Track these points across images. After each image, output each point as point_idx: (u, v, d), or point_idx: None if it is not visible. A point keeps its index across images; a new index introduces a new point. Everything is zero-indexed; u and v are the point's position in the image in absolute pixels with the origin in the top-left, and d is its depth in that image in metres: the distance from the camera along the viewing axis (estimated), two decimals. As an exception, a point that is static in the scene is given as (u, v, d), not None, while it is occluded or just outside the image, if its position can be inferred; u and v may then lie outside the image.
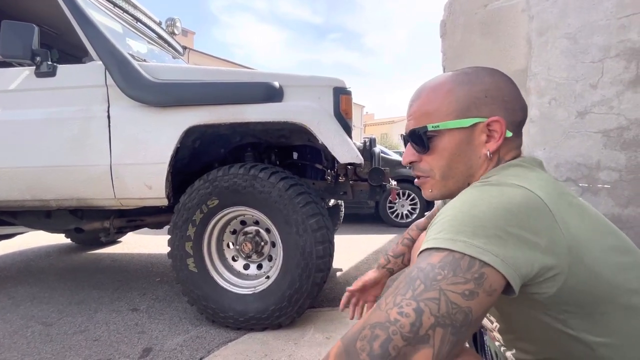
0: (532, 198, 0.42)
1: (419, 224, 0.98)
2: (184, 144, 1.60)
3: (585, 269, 0.42)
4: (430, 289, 0.36)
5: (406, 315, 0.35)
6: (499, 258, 0.38)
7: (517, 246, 0.39)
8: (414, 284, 0.37)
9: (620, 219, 0.97)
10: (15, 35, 1.51)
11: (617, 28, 0.97)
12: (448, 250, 0.39)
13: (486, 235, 0.39)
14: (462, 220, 0.41)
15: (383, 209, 4.51)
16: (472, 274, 0.37)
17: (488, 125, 0.51)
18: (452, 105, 0.52)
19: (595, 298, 0.43)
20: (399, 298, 0.37)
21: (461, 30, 1.23)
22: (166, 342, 1.43)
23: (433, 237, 0.42)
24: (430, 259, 0.39)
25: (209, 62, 21.83)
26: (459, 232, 0.40)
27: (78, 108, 1.59)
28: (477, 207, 0.42)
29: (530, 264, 0.39)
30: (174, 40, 2.68)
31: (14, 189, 1.66)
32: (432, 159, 0.55)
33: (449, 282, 0.36)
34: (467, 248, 0.38)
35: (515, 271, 0.38)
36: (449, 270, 0.37)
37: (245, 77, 1.57)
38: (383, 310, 0.37)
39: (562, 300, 0.43)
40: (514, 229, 0.39)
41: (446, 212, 0.44)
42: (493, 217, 0.40)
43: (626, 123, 0.96)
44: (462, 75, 0.54)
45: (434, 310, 0.35)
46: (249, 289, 1.56)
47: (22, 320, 1.66)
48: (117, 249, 3.22)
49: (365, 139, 2.01)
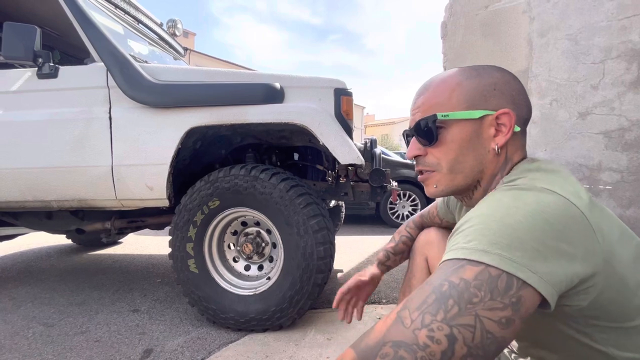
0: (567, 206, 0.39)
1: (415, 221, 0.95)
2: (185, 145, 1.60)
3: (617, 279, 0.40)
4: (465, 313, 0.33)
5: (437, 342, 0.32)
6: (537, 275, 0.35)
7: (556, 260, 0.36)
8: (447, 303, 0.33)
9: (622, 220, 0.97)
10: (17, 36, 1.51)
11: (618, 29, 0.97)
12: (483, 265, 0.35)
13: (524, 248, 0.35)
14: (497, 230, 0.37)
15: (384, 210, 4.51)
16: (510, 298, 0.34)
17: (497, 119, 0.50)
18: (461, 96, 0.51)
19: (623, 310, 0.41)
20: (428, 318, 0.33)
21: (462, 32, 1.23)
22: (167, 343, 1.43)
23: (463, 245, 0.38)
24: (462, 273, 0.35)
25: (209, 63, 21.89)
26: (493, 243, 0.36)
27: (79, 109, 1.60)
28: (512, 216, 0.38)
29: (570, 279, 0.37)
30: (175, 41, 2.69)
31: (15, 190, 1.67)
32: (440, 151, 0.53)
33: (486, 307, 0.33)
34: (503, 263, 0.35)
35: (553, 288, 0.36)
36: (486, 292, 0.34)
37: (246, 79, 1.57)
38: (409, 328, 0.33)
39: (593, 314, 0.41)
40: (552, 241, 0.36)
41: (476, 219, 0.40)
42: (531, 228, 0.37)
43: (627, 124, 0.96)
44: (471, 70, 0.53)
45: (468, 340, 0.32)
46: (249, 290, 1.56)
47: (23, 321, 1.66)
48: (118, 249, 3.22)
49: (366, 140, 2.01)
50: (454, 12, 1.25)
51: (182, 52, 2.83)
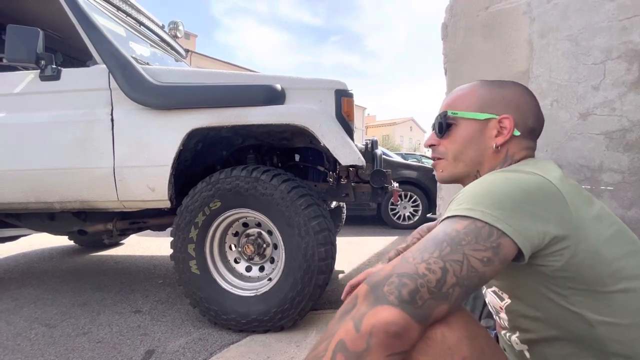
0: (546, 183, 0.48)
1: (429, 226, 0.98)
2: (187, 146, 1.61)
3: (590, 249, 0.46)
4: (456, 252, 0.42)
5: (433, 272, 0.40)
6: (512, 227, 0.43)
7: (531, 219, 0.44)
8: (441, 245, 0.43)
9: (623, 220, 0.96)
10: (20, 39, 1.52)
11: (618, 30, 0.97)
12: (471, 219, 0.44)
13: (503, 207, 0.44)
14: (483, 194, 0.47)
15: (385, 211, 4.50)
16: (491, 243, 0.43)
17: (500, 122, 0.59)
18: (473, 100, 0.62)
19: (598, 276, 0.47)
20: (426, 255, 0.42)
21: (462, 33, 1.23)
22: (168, 344, 1.43)
23: (455, 207, 0.47)
24: (455, 225, 0.45)
25: (210, 64, 21.95)
26: (479, 203, 0.46)
27: (82, 111, 1.61)
28: (497, 185, 0.48)
29: (542, 236, 0.45)
30: (176, 43, 2.70)
31: (18, 192, 1.67)
32: (448, 142, 0.64)
33: (471, 247, 0.42)
34: (485, 216, 0.44)
35: (526, 240, 0.44)
36: (472, 237, 0.43)
37: (247, 80, 1.58)
38: (411, 263, 0.42)
39: (567, 275, 0.47)
40: (528, 205, 0.45)
41: (467, 190, 0.50)
42: (510, 193, 0.46)
43: (628, 125, 0.96)
44: (488, 82, 0.64)
45: (457, 272, 0.41)
46: (251, 291, 1.56)
47: (25, 322, 1.67)
48: (120, 251, 3.23)
49: (367, 140, 2.01)
50: (455, 13, 1.25)
51: (183, 53, 2.84)
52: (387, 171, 1.77)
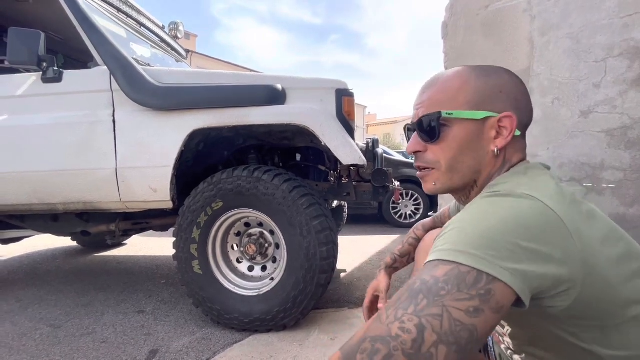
0: (543, 210, 0.41)
1: (424, 224, 0.97)
2: (188, 147, 1.61)
3: (598, 280, 0.41)
4: (433, 304, 0.35)
5: (407, 332, 0.34)
6: (507, 271, 0.36)
7: (530, 259, 0.38)
8: (417, 298, 0.36)
9: (625, 218, 0.97)
10: (21, 41, 1.53)
11: (620, 27, 0.96)
12: (454, 264, 0.37)
13: (496, 248, 0.37)
14: (472, 233, 0.39)
15: (386, 210, 4.50)
16: (478, 290, 0.35)
17: (499, 122, 0.50)
18: (468, 95, 0.51)
19: (607, 309, 0.42)
20: (400, 312, 0.36)
21: (463, 32, 1.23)
22: (172, 344, 1.44)
23: (439, 248, 0.40)
24: (434, 271, 0.38)
25: (211, 64, 21.95)
26: (467, 244, 0.38)
27: (84, 113, 1.61)
28: (488, 220, 0.40)
29: (543, 277, 0.38)
30: (177, 43, 2.71)
31: (21, 193, 1.69)
32: (440, 149, 0.53)
33: (452, 298, 0.35)
34: (473, 261, 0.37)
35: (524, 284, 0.37)
36: (453, 285, 0.36)
37: (248, 80, 1.58)
38: (384, 323, 0.36)
39: (575, 314, 0.42)
40: (525, 242, 0.38)
41: (454, 225, 0.42)
42: (504, 231, 0.38)
43: (630, 122, 0.96)
44: (480, 69, 0.54)
45: (437, 328, 0.34)
46: (253, 290, 1.57)
47: (30, 322, 1.68)
48: (123, 251, 3.25)
49: (368, 139, 2.01)
50: (455, 12, 1.25)
51: (184, 54, 2.84)
52: (388, 170, 1.77)
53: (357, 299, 1.90)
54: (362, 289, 2.06)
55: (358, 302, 1.85)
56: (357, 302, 1.86)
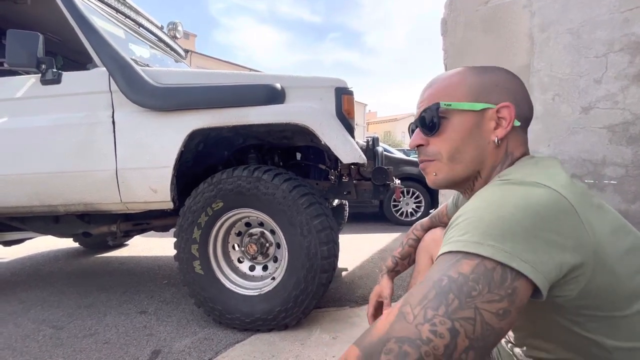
0: (558, 199, 0.41)
1: (422, 223, 0.96)
2: (188, 147, 1.61)
3: (607, 270, 0.41)
4: (465, 306, 0.34)
5: (440, 336, 0.33)
6: (528, 264, 0.36)
7: (547, 250, 0.38)
8: (447, 297, 0.35)
9: (627, 214, 0.96)
10: (20, 44, 1.53)
11: (620, 22, 0.96)
12: (479, 257, 0.36)
13: (515, 239, 0.37)
14: (489, 222, 0.39)
15: (387, 208, 4.50)
16: (506, 290, 0.35)
17: (497, 112, 0.52)
18: (465, 89, 0.54)
19: (614, 300, 0.42)
20: (430, 313, 0.34)
21: (462, 28, 1.23)
22: (174, 344, 1.45)
23: (457, 239, 0.39)
24: (460, 267, 0.37)
25: (211, 64, 21.94)
26: (487, 235, 0.38)
27: (83, 114, 1.61)
28: (504, 208, 0.40)
29: (559, 267, 0.38)
30: (175, 44, 2.70)
31: (22, 195, 1.69)
32: (441, 140, 0.55)
33: (484, 299, 0.34)
34: (497, 254, 0.36)
35: (545, 277, 0.37)
36: (484, 284, 0.35)
37: (247, 80, 1.58)
38: (412, 324, 0.34)
39: (583, 303, 0.42)
40: (542, 232, 0.38)
41: (469, 213, 0.42)
42: (522, 220, 0.38)
43: (631, 118, 0.95)
44: (476, 68, 0.56)
45: (469, 333, 0.33)
46: (254, 290, 1.57)
47: (33, 324, 1.68)
48: (125, 251, 3.26)
49: (368, 138, 2.00)
50: (454, 8, 1.24)
51: (183, 54, 2.84)
52: (389, 168, 1.77)
53: (359, 297, 1.90)
54: (363, 287, 2.06)
55: (359, 301, 1.85)
56: (358, 300, 1.86)
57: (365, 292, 1.98)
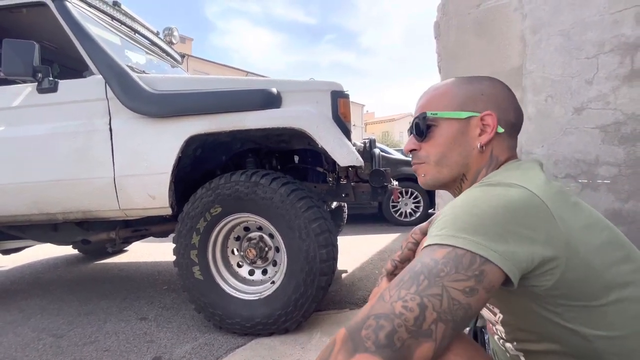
0: (530, 196, 0.45)
1: (422, 227, 0.98)
2: (186, 153, 1.62)
3: (581, 263, 0.44)
4: (434, 285, 0.38)
5: (410, 310, 0.37)
6: (497, 253, 0.40)
7: (517, 242, 0.41)
8: (418, 278, 0.39)
9: (621, 214, 0.97)
10: (16, 53, 1.53)
11: (610, 23, 0.97)
12: (451, 247, 0.41)
13: (486, 232, 0.41)
14: (464, 218, 0.43)
15: (386, 209, 4.51)
16: (473, 271, 0.39)
17: (482, 120, 0.56)
18: (451, 99, 0.59)
19: (590, 291, 0.45)
20: (403, 292, 0.39)
21: (455, 31, 1.24)
22: (175, 350, 1.45)
23: (436, 233, 0.44)
24: (433, 254, 0.41)
25: (208, 67, 21.93)
26: (461, 229, 0.42)
27: (80, 122, 1.62)
28: (478, 206, 0.44)
29: (530, 258, 0.42)
30: (172, 49, 2.71)
31: (21, 204, 1.69)
32: (429, 145, 0.60)
33: (451, 279, 0.39)
34: (468, 244, 0.40)
35: (514, 265, 0.41)
36: (452, 267, 0.39)
37: (243, 85, 1.59)
38: (387, 302, 0.39)
39: (559, 293, 0.45)
40: (513, 226, 0.42)
41: (448, 211, 0.47)
42: (493, 216, 0.43)
43: (623, 118, 0.96)
44: (464, 79, 0.61)
45: (437, 306, 0.38)
46: (254, 294, 1.57)
47: (33, 332, 1.68)
48: (124, 257, 3.25)
49: (365, 140, 2.01)
50: (447, 11, 1.26)
51: (179, 59, 2.85)
52: (386, 170, 1.78)
53: (359, 299, 1.91)
54: (363, 289, 2.07)
55: (360, 303, 1.85)
56: (358, 302, 1.87)
57: (366, 294, 1.98)
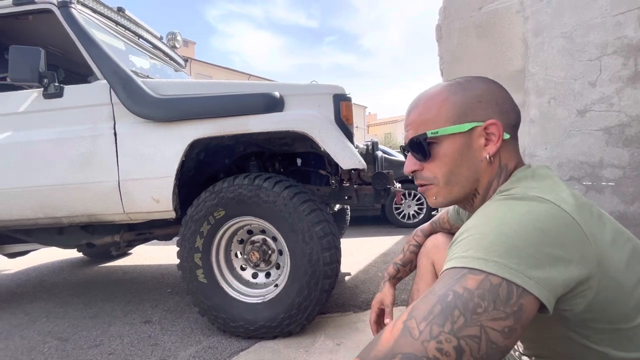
0: (560, 213, 0.41)
1: (423, 229, 0.97)
2: (189, 156, 1.63)
3: (611, 282, 0.41)
4: (471, 324, 0.34)
5: (446, 354, 0.33)
6: (533, 281, 0.36)
7: (552, 265, 0.38)
8: (453, 313, 0.35)
9: (626, 216, 0.97)
10: (22, 59, 1.56)
11: (613, 25, 0.97)
12: (483, 273, 0.36)
13: (520, 255, 0.37)
14: (493, 239, 0.39)
15: (389, 211, 4.50)
16: (512, 307, 0.35)
17: (485, 129, 0.52)
18: (449, 112, 0.53)
19: (622, 311, 0.43)
20: (436, 330, 0.34)
21: (457, 34, 1.24)
22: (179, 354, 1.45)
23: (461, 254, 0.39)
24: (465, 282, 0.36)
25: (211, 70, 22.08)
26: (491, 251, 0.38)
27: (85, 127, 1.64)
28: (507, 225, 0.40)
29: (567, 282, 0.38)
30: (175, 53, 2.73)
31: (27, 208, 1.71)
32: (434, 166, 0.55)
33: (489, 317, 0.34)
34: (501, 270, 0.36)
35: (550, 292, 0.37)
36: (489, 301, 0.35)
37: (246, 89, 1.60)
38: (417, 340, 0.34)
39: (590, 317, 0.42)
40: (546, 247, 0.38)
41: (472, 230, 0.42)
42: (525, 236, 0.38)
43: (627, 120, 0.96)
44: (456, 85, 0.55)
45: (474, 351, 0.33)
46: (258, 297, 1.58)
47: (38, 336, 1.69)
48: (128, 261, 3.27)
49: (367, 142, 2.02)
50: (448, 14, 1.26)
51: (182, 63, 2.87)
52: (389, 172, 1.77)
53: (363, 302, 1.91)
54: (367, 292, 2.06)
55: (363, 306, 1.85)
56: (362, 305, 1.86)
57: (369, 296, 1.98)
